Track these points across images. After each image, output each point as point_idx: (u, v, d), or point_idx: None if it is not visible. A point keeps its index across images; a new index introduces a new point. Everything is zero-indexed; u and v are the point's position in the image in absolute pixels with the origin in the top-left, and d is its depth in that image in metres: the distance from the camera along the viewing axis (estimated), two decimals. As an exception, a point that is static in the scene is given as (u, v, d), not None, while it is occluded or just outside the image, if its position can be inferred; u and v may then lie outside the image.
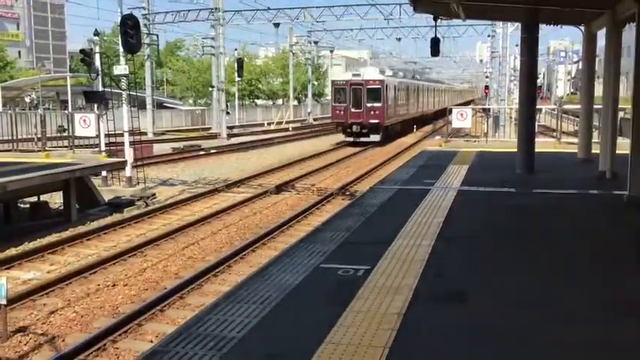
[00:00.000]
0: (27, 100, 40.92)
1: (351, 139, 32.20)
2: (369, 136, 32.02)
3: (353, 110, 32.58)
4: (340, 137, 33.84)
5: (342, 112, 33.09)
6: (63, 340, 7.42)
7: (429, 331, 4.36)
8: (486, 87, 47.64)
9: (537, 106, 16.69)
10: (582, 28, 14.53)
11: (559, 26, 16.22)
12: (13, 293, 8.38)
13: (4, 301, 7.30)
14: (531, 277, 5.68)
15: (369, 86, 32.69)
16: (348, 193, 17.03)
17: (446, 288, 5.32)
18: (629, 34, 13.09)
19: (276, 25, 43.15)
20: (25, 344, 7.28)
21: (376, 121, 32.19)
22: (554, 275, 5.70)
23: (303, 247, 6.71)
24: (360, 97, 32.65)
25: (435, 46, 17.08)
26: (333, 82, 36.09)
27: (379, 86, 32.77)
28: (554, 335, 4.27)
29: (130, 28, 15.83)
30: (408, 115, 40.10)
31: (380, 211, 8.64)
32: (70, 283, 9.38)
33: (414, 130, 42.37)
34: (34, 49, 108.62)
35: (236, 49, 51.29)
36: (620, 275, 5.77)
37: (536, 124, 15.74)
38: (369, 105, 32.45)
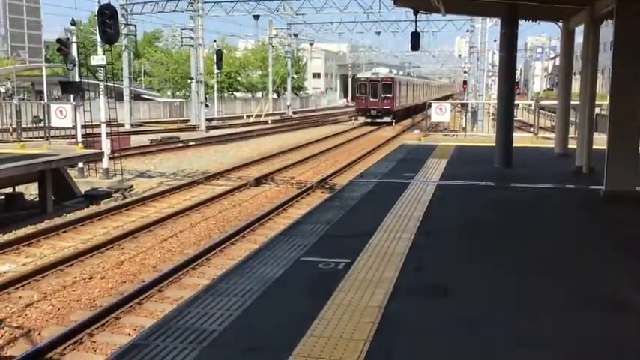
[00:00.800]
0: (2, 89, 40.20)
1: (369, 120, 43.42)
2: (382, 118, 43.16)
3: (371, 99, 44.35)
4: (321, 131, 36.01)
5: (363, 101, 45.37)
6: (39, 334, 7.33)
7: (410, 324, 4.38)
8: (465, 82, 47.94)
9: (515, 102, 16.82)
10: (560, 24, 14.67)
11: (537, 22, 16.35)
12: (-12, 286, 8.25)
13: (-22, 294, 7.18)
14: (509, 270, 5.74)
15: (384, 82, 44.59)
16: (327, 187, 17.04)
17: (426, 281, 5.34)
18: (606, 30, 13.27)
19: (256, 17, 42.93)
20: (1, 337, 7.18)
21: (389, 107, 44.05)
22: (531, 269, 5.77)
23: (283, 240, 6.69)
24: (377, 89, 44.29)
25: (415, 41, 17.13)
26: (356, 78, 49.79)
27: (391, 82, 44.88)
28: (532, 327, 4.32)
29: (107, 18, 15.61)
30: (407, 104, 51.08)
31: (360, 205, 8.65)
32: (47, 275, 9.26)
33: (393, 123, 42.87)
34: (9, 39, 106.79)
35: (215, 41, 50.77)
36: (595, 269, 5.85)
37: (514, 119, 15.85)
38: (383, 95, 44.08)
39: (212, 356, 3.83)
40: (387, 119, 42.84)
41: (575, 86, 18.65)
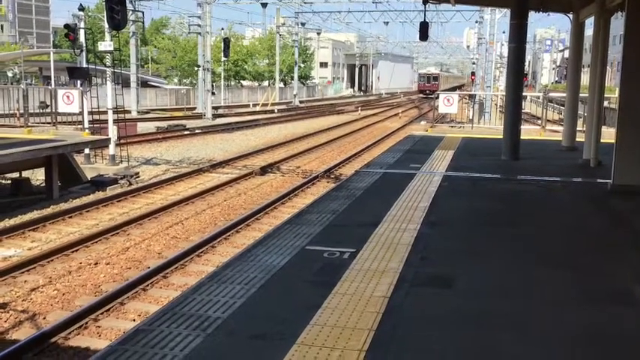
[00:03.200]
0: (9, 74, 40.22)
1: (423, 95, 70.12)
2: (432, 94, 53.01)
3: (426, 84, 78.90)
4: (327, 121, 36.27)
5: (422, 85, 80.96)
6: (44, 318, 7.36)
7: (415, 314, 4.37)
8: (472, 73, 47.72)
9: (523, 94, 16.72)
10: (571, 15, 14.54)
11: (547, 14, 16.21)
12: (-6, 270, 8.29)
13: (-16, 278, 7.20)
14: (516, 262, 5.71)
15: (433, 74, 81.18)
16: (333, 176, 17.02)
17: (431, 272, 5.32)
18: (616, 23, 13.15)
19: (264, 5, 42.82)
20: (6, 321, 7.22)
21: (435, 89, 66.87)
22: (538, 261, 5.74)
23: (288, 228, 6.68)
24: (429, 79, 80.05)
25: (424, 31, 16.97)
26: (420, 74, 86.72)
27: (437, 75, 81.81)
28: (538, 320, 4.30)
29: (115, 4, 15.53)
30: (443, 87, 76.21)
31: (365, 195, 8.62)
32: (52, 260, 9.29)
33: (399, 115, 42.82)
34: (17, 24, 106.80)
35: (222, 29, 50.60)
36: (602, 262, 5.81)
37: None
38: (433, 82, 78.09)
39: (216, 343, 3.83)
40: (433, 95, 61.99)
41: (584, 79, 18.54)
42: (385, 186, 9.40)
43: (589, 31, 15.46)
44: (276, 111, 43.26)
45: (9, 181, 15.13)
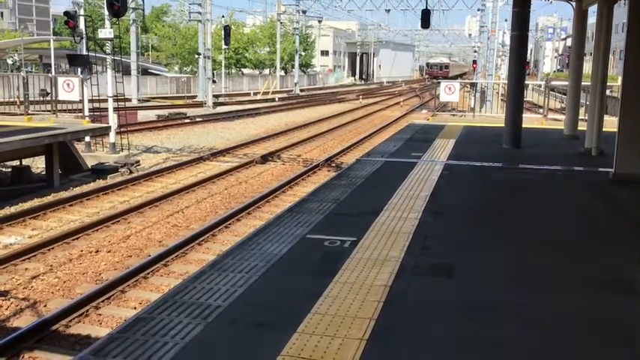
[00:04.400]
0: (9, 62, 40.11)
1: (436, 80, 63.17)
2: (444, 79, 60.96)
3: (439, 71, 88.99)
4: (328, 109, 36.70)
5: (435, 71, 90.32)
6: (45, 306, 7.36)
7: (416, 303, 4.36)
8: (474, 62, 47.53)
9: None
10: (573, 3, 14.45)
11: (549, 1, 16.12)
12: (-6, 258, 8.29)
13: (-16, 266, 7.20)
14: (517, 250, 5.70)
15: (444, 63, 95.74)
16: (334, 165, 17.00)
17: (432, 261, 5.31)
18: (619, 11, 13.08)
19: (265, -8, 42.48)
20: (6, 308, 7.22)
21: (446, 75, 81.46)
22: (539, 250, 5.73)
23: (289, 217, 6.67)
24: (441, 67, 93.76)
25: (426, 18, 16.93)
26: (433, 63, 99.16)
27: (448, 63, 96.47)
28: (539, 309, 4.29)
29: (115, -10, 15.47)
30: (451, 74, 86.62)
31: (367, 183, 8.61)
32: (53, 248, 9.29)
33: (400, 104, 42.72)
34: (17, 11, 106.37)
35: (223, 17, 50.33)
36: (605, 251, 5.80)
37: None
38: (444, 70, 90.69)
39: (217, 331, 3.83)
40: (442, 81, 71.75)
41: (587, 67, 18.47)
42: (386, 175, 9.38)
43: (592, 19, 15.41)
44: (276, 99, 43.14)
45: (9, 169, 15.12)
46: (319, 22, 66.74)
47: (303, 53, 64.23)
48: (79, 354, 3.78)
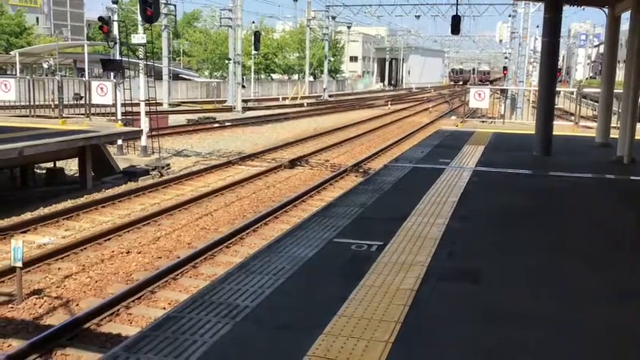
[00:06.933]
0: (45, 66, 41.00)
1: (480, 83, 77.78)
2: (464, 84, 68.27)
3: (482, 77, 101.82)
4: (356, 115, 36.68)
5: (480, 76, 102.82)
6: (77, 304, 7.53)
7: (442, 308, 4.38)
8: (505, 68, 47.14)
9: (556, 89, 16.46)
10: (606, 10, 14.27)
11: (582, 7, 15.94)
12: (29, 257, 8.52)
13: (19, 264, 7.40)
14: (545, 259, 5.66)
15: (487, 70, 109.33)
16: (361, 170, 17.03)
17: (459, 266, 5.31)
18: (654, 17, 12.83)
19: (295, -2, 42.78)
20: (40, 307, 7.40)
21: (488, 79, 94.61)
22: (567, 258, 5.68)
23: (316, 221, 6.72)
24: (484, 72, 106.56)
25: (456, 24, 16.88)
26: (452, 69, 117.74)
27: (489, 70, 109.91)
28: (567, 317, 4.27)
29: (148, -4, 15.75)
30: (471, 81, 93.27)
31: (394, 189, 8.62)
32: (85, 248, 9.50)
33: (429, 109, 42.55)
34: (52, 16, 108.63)
35: (253, 22, 50.99)
36: (635, 261, 5.73)
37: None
38: (487, 75, 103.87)
39: (244, 331, 3.89)
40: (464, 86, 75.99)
41: (620, 75, 18.20)
42: (414, 180, 9.38)
43: (625, 26, 15.18)
44: (305, 104, 43.33)
45: (44, 171, 15.47)
46: (348, 27, 66.93)
47: (332, 59, 64.42)
48: (111, 349, 3.88)
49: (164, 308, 7.28)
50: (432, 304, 4.41)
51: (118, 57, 18.21)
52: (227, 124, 28.37)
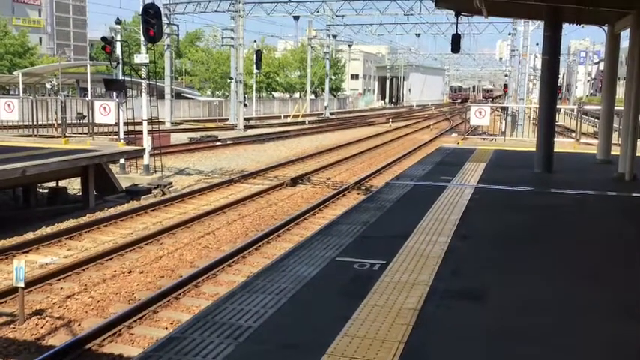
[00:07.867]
0: (48, 86, 41.27)
1: (452, 100, 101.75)
2: (463, 103, 75.36)
3: (485, 94, 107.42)
4: (358, 132, 36.81)
5: (484, 93, 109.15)
6: (79, 324, 7.51)
7: (445, 327, 4.37)
8: (505, 85, 47.33)
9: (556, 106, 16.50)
10: (605, 28, 14.37)
11: (581, 26, 16.05)
12: (31, 276, 8.51)
13: (22, 284, 7.40)
14: (547, 276, 5.65)
15: (489, 88, 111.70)
16: (363, 188, 17.04)
17: (462, 285, 5.31)
18: (653, 35, 12.89)
19: (296, 18, 43.23)
20: (42, 327, 7.39)
21: (491, 96, 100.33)
22: (570, 276, 5.67)
23: (318, 239, 6.72)
24: (487, 90, 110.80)
25: (456, 43, 16.97)
26: (450, 86, 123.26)
27: (492, 88, 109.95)
28: (569, 336, 4.26)
29: (151, 17, 15.90)
30: (470, 98, 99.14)
31: (396, 207, 8.62)
32: (87, 268, 9.50)
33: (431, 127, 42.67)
34: (55, 36, 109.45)
35: (255, 41, 51.18)
36: (637, 278, 5.72)
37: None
38: (490, 92, 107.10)
39: (247, 352, 3.88)
40: (461, 104, 76.24)
41: (620, 92, 18.27)
42: (416, 198, 9.39)
43: (625, 43, 15.27)
44: (306, 122, 43.48)
45: (46, 191, 15.50)
46: (349, 46, 67.41)
47: (333, 77, 64.79)
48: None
49: (166, 328, 7.26)
50: (435, 324, 4.40)
51: (120, 76, 18.33)
52: (229, 142, 28.46)
